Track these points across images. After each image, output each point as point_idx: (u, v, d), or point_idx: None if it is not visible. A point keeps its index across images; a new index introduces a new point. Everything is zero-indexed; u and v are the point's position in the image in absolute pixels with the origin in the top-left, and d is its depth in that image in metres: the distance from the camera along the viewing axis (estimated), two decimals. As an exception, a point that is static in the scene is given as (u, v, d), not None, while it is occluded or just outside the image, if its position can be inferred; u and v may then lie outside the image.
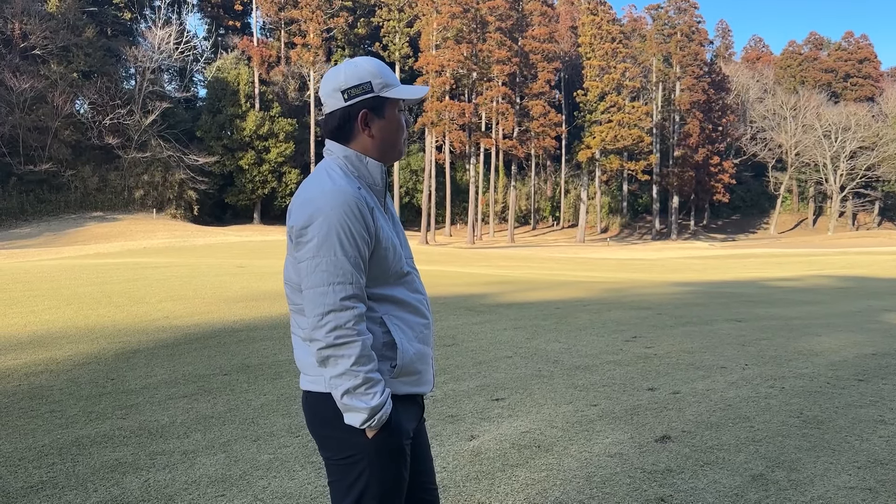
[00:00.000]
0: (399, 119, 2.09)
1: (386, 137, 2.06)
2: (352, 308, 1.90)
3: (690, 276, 21.25)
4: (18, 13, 48.08)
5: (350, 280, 1.91)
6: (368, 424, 1.93)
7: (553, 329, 8.47)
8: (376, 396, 1.92)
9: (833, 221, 74.65)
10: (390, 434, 1.98)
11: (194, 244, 33.64)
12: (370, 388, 1.91)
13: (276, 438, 4.41)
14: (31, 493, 3.61)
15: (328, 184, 1.95)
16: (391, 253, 2.03)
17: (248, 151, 56.49)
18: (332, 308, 1.89)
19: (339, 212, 1.90)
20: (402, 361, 2.02)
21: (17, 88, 45.55)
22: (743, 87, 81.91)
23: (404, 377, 2.05)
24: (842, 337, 8.09)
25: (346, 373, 1.89)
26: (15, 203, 46.53)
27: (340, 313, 1.89)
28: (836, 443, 4.28)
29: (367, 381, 1.90)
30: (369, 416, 1.92)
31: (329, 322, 1.89)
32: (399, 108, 2.09)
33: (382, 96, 2.03)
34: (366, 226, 1.94)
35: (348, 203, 1.91)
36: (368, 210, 1.96)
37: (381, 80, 2.03)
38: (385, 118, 2.05)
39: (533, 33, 63.49)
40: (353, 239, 1.91)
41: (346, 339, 1.89)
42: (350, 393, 1.90)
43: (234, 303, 10.08)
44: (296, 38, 62.08)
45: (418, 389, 2.11)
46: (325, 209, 1.91)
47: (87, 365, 6.40)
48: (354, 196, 1.93)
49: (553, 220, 78.29)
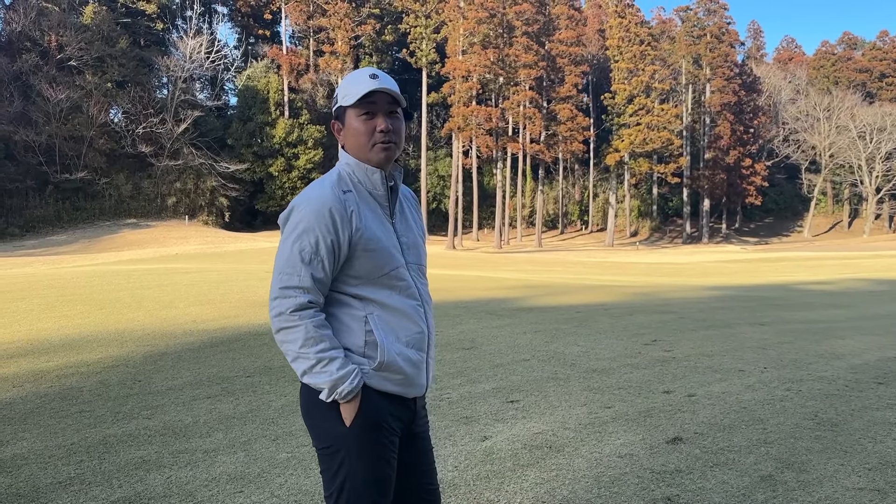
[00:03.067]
0: (355, 124, 2.15)
1: (350, 142, 2.17)
2: (293, 297, 2.05)
3: (719, 280, 21.05)
4: (55, 25, 49.32)
5: (298, 272, 2.05)
6: (332, 398, 2.03)
7: (573, 333, 8.51)
8: (335, 371, 2.02)
9: (869, 224, 73.21)
10: (366, 425, 2.07)
11: (225, 250, 34.16)
12: (326, 364, 2.03)
13: (295, 438, 4.53)
14: (59, 488, 3.77)
15: (315, 187, 2.12)
16: (378, 254, 2.11)
17: (277, 158, 57.21)
18: (277, 295, 2.07)
19: (309, 211, 2.06)
20: (382, 358, 2.10)
21: (54, 99, 46.69)
22: (775, 89, 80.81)
23: (386, 373, 2.11)
24: (866, 340, 8.02)
25: (298, 356, 2.04)
26: (51, 211, 47.64)
27: (283, 300, 2.05)
28: (849, 445, 4.28)
29: (319, 359, 2.02)
30: (329, 391, 2.03)
31: (275, 307, 2.07)
32: (359, 115, 2.14)
33: (342, 105, 2.17)
34: (335, 229, 2.05)
35: (322, 204, 2.06)
36: (347, 213, 2.07)
37: (344, 90, 2.17)
38: (345, 125, 2.18)
39: (560, 37, 63.33)
40: (315, 240, 2.04)
41: (287, 323, 2.04)
42: (307, 374, 2.04)
43: (260, 307, 10.28)
44: (324, 46, 62.73)
45: (404, 390, 2.16)
46: (299, 208, 2.08)
47: (116, 367, 6.60)
48: (331, 199, 2.07)
49: (581, 224, 77.91)
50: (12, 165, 46.43)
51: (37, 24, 49.12)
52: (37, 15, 49.04)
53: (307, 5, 63.27)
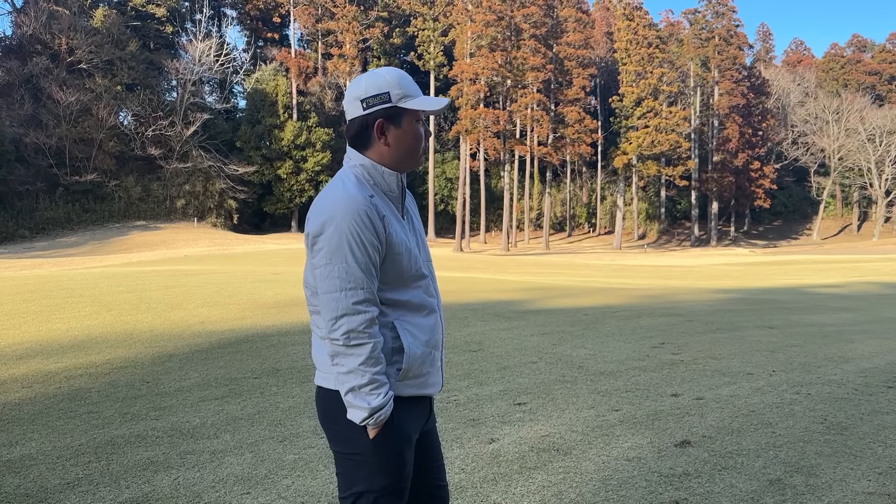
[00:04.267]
0: (416, 129, 2.13)
1: (401, 146, 2.12)
2: (363, 312, 2.00)
3: (727, 283, 20.97)
4: (65, 29, 49.64)
5: (361, 285, 2.00)
6: (367, 423, 2.03)
7: (580, 335, 8.49)
8: (379, 397, 2.01)
9: (878, 227, 72.79)
10: (391, 436, 2.08)
11: (233, 252, 34.26)
12: (375, 388, 2.01)
13: (302, 439, 4.54)
14: (67, 489, 3.79)
15: (340, 192, 2.04)
16: (405, 257, 2.11)
17: (285, 161, 57.38)
18: (344, 312, 2.00)
19: (349, 220, 1.99)
20: (407, 365, 2.11)
21: (64, 101, 46.97)
22: (784, 91, 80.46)
23: (410, 380, 2.13)
24: (875, 344, 7.96)
25: (354, 371, 2.00)
26: (61, 213, 47.90)
27: (353, 317, 1.99)
28: (859, 449, 4.25)
29: (372, 381, 2.00)
30: (369, 415, 2.02)
31: (342, 325, 2.00)
32: (417, 119, 2.13)
33: (400, 107, 2.09)
34: (376, 232, 2.01)
35: (358, 211, 1.99)
36: (379, 217, 2.03)
37: (399, 90, 2.09)
38: (401, 128, 2.11)
39: (568, 39, 63.29)
40: (363, 245, 2.00)
41: (357, 341, 2.00)
42: (355, 391, 2.01)
43: (267, 308, 10.30)
44: (332, 49, 62.91)
45: (424, 391, 2.19)
46: (336, 218, 2.00)
47: (125, 368, 6.63)
48: (364, 204, 2.01)
49: (589, 226, 77.78)
50: (23, 168, 46.71)
51: (47, 27, 49.44)
52: (47, 18, 49.35)
53: (315, 9, 63.50)
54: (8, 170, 45.57)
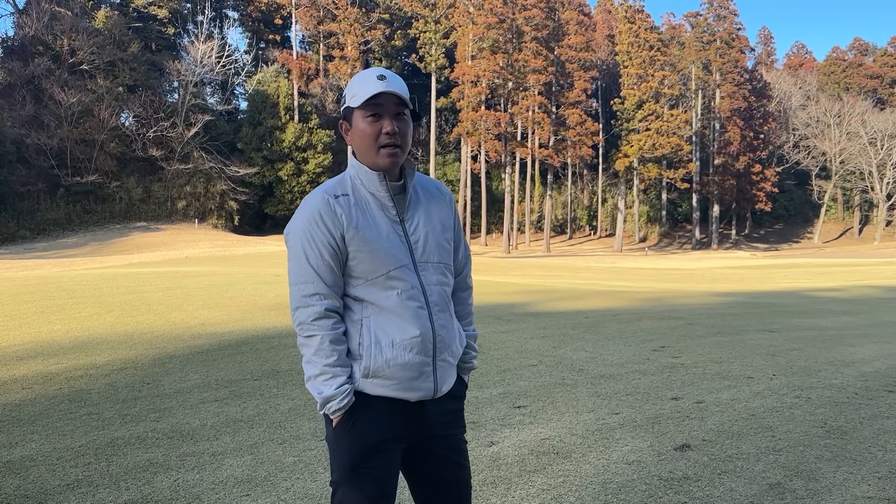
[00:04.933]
0: (363, 126, 2.12)
1: (357, 144, 2.17)
2: (312, 305, 2.10)
3: (728, 287, 20.96)
4: (67, 30, 49.70)
5: (311, 280, 2.11)
6: (324, 412, 2.12)
7: (580, 338, 8.49)
8: (330, 388, 2.08)
9: (880, 230, 72.76)
10: (349, 432, 2.12)
11: (234, 253, 34.26)
12: (327, 379, 2.09)
13: (302, 441, 4.54)
14: (67, 490, 3.79)
15: (305, 199, 2.17)
16: (375, 255, 2.11)
17: (287, 162, 57.39)
18: (297, 305, 2.13)
19: (304, 221, 2.12)
20: (369, 364, 2.11)
21: (66, 102, 47.01)
22: (785, 94, 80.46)
23: (377, 379, 2.12)
24: (876, 348, 7.96)
25: (309, 361, 2.12)
26: (62, 214, 47.90)
27: (304, 310, 2.11)
28: (859, 453, 4.25)
29: (324, 372, 2.09)
30: (321, 404, 2.11)
31: (296, 317, 2.13)
32: (366, 116, 2.12)
33: (350, 106, 2.16)
34: (328, 230, 2.09)
35: (311, 210, 2.11)
36: (337, 215, 2.10)
37: (352, 91, 2.16)
38: (353, 125, 2.17)
39: (569, 42, 63.35)
40: (314, 243, 2.10)
41: (308, 332, 2.11)
42: (311, 380, 2.12)
43: (268, 310, 10.30)
44: (334, 51, 62.97)
45: (403, 394, 2.14)
46: (296, 218, 2.15)
47: (125, 370, 6.63)
48: (320, 203, 2.11)
49: (590, 229, 77.76)
50: (24, 168, 46.75)
51: (49, 28, 49.50)
52: (49, 19, 49.42)
53: (317, 10, 63.55)
54: (9, 170, 45.62)
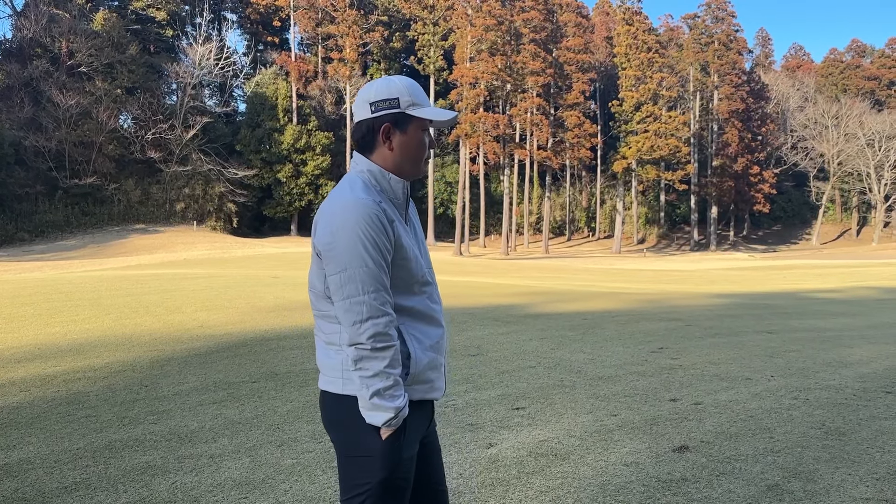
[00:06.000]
0: (420, 137, 2.15)
1: (405, 153, 2.13)
2: (387, 314, 2.02)
3: (727, 288, 20.97)
4: (66, 32, 49.69)
5: (382, 287, 2.02)
6: (390, 423, 2.04)
7: (579, 340, 8.49)
8: (402, 398, 2.04)
9: (878, 232, 72.85)
10: (400, 440, 2.09)
11: (233, 255, 34.25)
12: (398, 389, 2.04)
13: (300, 444, 4.53)
14: (65, 493, 3.78)
15: (349, 197, 2.04)
16: (412, 263, 2.12)
17: (285, 164, 57.40)
18: (370, 315, 2.00)
19: (362, 223, 1.99)
20: (414, 370, 2.12)
21: (64, 105, 47.00)
22: (783, 96, 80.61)
23: (417, 385, 2.15)
24: (874, 349, 7.96)
25: (380, 374, 2.01)
26: (61, 216, 47.87)
27: (378, 319, 2.00)
28: (857, 454, 4.25)
29: (396, 383, 2.04)
30: (394, 415, 2.03)
31: (368, 329, 2.00)
32: (423, 128, 2.15)
33: (407, 113, 2.11)
34: (386, 235, 2.03)
35: (369, 214, 2.00)
36: (388, 221, 2.04)
37: (409, 98, 2.12)
38: (407, 134, 2.13)
39: (567, 44, 63.42)
40: (378, 248, 2.01)
41: (383, 343, 2.01)
42: (380, 394, 2.02)
43: (266, 312, 10.30)
44: (332, 53, 62.95)
45: (429, 396, 2.21)
46: (349, 222, 2.00)
47: (123, 372, 6.63)
48: (374, 207, 2.02)
49: (589, 230, 77.79)
50: (22, 171, 46.73)
51: (48, 30, 49.50)
52: (48, 21, 49.42)
53: (316, 13, 63.56)
54: (7, 173, 45.60)
